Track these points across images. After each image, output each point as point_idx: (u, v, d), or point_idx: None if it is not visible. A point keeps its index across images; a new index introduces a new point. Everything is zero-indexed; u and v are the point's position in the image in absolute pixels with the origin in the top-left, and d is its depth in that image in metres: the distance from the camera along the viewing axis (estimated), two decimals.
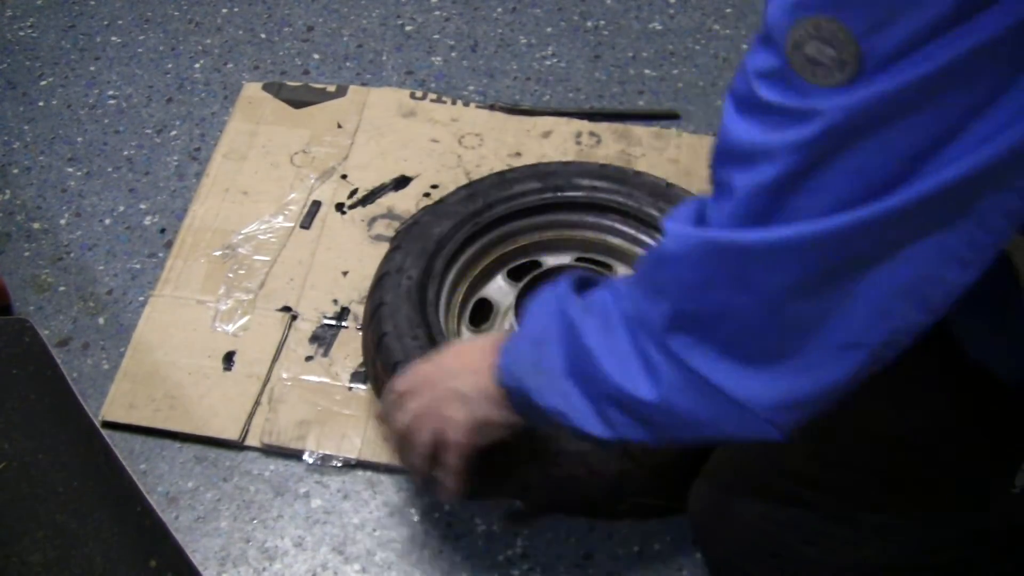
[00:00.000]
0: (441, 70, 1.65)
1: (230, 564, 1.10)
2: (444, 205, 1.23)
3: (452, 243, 1.19)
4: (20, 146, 1.55)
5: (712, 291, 0.61)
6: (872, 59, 0.50)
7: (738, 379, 0.61)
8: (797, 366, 0.60)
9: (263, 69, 1.65)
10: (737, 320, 0.61)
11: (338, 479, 1.16)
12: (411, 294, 1.12)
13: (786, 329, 0.59)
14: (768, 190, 0.55)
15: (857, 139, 0.52)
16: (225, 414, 1.20)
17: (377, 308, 1.11)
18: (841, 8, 0.50)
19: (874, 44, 0.50)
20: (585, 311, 0.71)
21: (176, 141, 1.55)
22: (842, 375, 0.59)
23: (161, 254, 1.39)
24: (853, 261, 0.56)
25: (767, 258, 0.57)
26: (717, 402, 0.63)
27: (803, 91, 0.53)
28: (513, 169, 1.27)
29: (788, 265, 0.57)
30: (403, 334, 1.07)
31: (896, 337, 0.58)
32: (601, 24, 1.72)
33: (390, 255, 1.17)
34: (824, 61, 0.51)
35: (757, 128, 0.56)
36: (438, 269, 1.16)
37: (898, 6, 0.48)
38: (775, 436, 0.62)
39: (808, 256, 0.56)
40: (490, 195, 1.23)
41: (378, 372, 1.08)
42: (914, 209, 0.52)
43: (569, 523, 1.12)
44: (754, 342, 0.61)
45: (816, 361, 0.59)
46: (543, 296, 0.78)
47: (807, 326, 0.58)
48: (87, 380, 1.26)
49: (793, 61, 0.52)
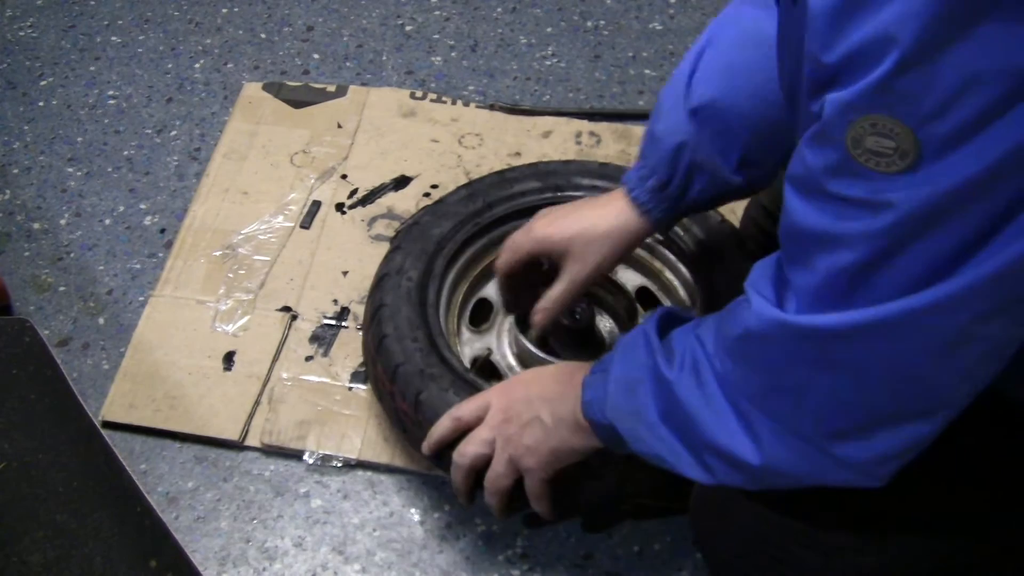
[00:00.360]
0: (441, 70, 1.65)
1: (230, 564, 1.10)
2: (444, 205, 1.23)
3: (452, 243, 1.19)
4: (20, 146, 1.55)
5: (798, 367, 0.64)
6: (930, 145, 0.52)
7: (847, 449, 0.65)
8: (889, 430, 0.63)
9: (263, 69, 1.65)
10: (821, 395, 0.64)
11: (338, 479, 1.16)
12: (411, 295, 1.12)
13: (876, 398, 0.63)
14: (848, 273, 0.59)
15: (929, 225, 0.55)
16: (225, 414, 1.20)
17: (377, 309, 1.11)
18: (892, 107, 0.52)
19: (930, 133, 0.52)
20: (679, 367, 0.74)
21: (176, 141, 1.55)
22: (930, 431, 0.63)
23: (161, 254, 1.39)
24: (934, 332, 0.58)
25: (852, 338, 0.61)
26: (818, 458, 0.66)
27: (871, 180, 0.55)
28: (513, 168, 1.27)
29: (873, 342, 0.60)
30: (403, 336, 1.07)
31: (977, 390, 0.61)
32: (601, 24, 1.72)
33: (390, 256, 1.17)
34: (886, 152, 0.54)
35: (829, 217, 0.58)
36: (438, 270, 1.16)
37: (947, 99, 0.50)
38: (874, 484, 0.66)
39: (895, 333, 0.59)
40: (490, 195, 1.23)
41: (378, 374, 1.08)
42: (982, 285, 0.55)
43: (569, 523, 1.12)
44: (844, 415, 0.64)
45: (907, 424, 0.63)
46: (632, 338, 0.81)
47: (896, 394, 0.62)
48: (87, 380, 1.26)
49: (855, 155, 0.55)
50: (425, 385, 1.03)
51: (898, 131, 0.53)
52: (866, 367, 0.61)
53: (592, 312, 1.15)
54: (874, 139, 0.54)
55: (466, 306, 1.22)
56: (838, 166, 0.57)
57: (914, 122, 0.52)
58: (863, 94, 0.53)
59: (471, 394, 1.02)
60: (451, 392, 1.02)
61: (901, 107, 0.52)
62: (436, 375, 1.04)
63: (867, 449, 0.64)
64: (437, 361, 1.05)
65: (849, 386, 0.63)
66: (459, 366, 1.06)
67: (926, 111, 0.52)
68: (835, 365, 0.62)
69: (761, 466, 0.68)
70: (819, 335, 0.62)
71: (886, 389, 0.62)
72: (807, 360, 0.63)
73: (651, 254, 1.21)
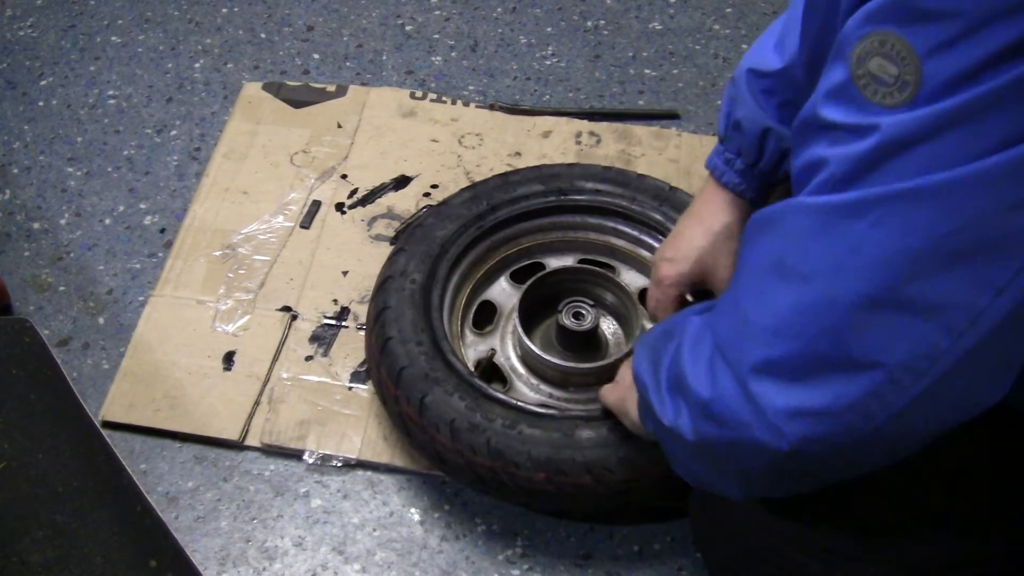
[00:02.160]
0: (441, 70, 1.65)
1: (230, 564, 1.10)
2: (447, 207, 1.23)
3: (456, 247, 1.19)
4: (20, 146, 1.55)
5: (760, 274, 0.64)
6: (931, 82, 0.51)
7: (766, 388, 0.62)
8: (815, 383, 0.60)
9: (263, 69, 1.65)
10: (764, 313, 0.63)
11: (338, 479, 1.16)
12: (415, 298, 1.12)
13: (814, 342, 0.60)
14: (829, 184, 0.58)
15: (906, 148, 0.54)
16: (225, 414, 1.20)
17: (381, 312, 1.11)
18: (911, 23, 0.51)
19: (936, 67, 0.51)
20: (697, 324, 0.74)
21: (176, 141, 1.55)
22: (854, 394, 0.59)
23: (161, 254, 1.39)
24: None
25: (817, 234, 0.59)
26: (737, 394, 0.64)
27: (864, 108, 0.55)
28: (516, 171, 1.27)
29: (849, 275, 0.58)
30: (408, 339, 1.08)
31: (916, 363, 0.57)
32: (601, 24, 1.72)
33: (393, 258, 1.17)
34: (885, 79, 0.53)
35: (823, 145, 0.58)
36: (442, 273, 1.16)
37: (967, 29, 0.49)
38: (781, 445, 0.62)
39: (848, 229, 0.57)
40: (493, 197, 1.23)
41: (382, 377, 1.08)
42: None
43: (569, 523, 1.12)
44: (784, 355, 0.62)
45: (834, 377, 0.59)
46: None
47: (835, 341, 0.59)
48: (87, 380, 1.26)
49: (856, 76, 0.54)
50: (429, 389, 1.03)
51: (905, 56, 0.52)
52: (815, 274, 0.59)
53: (597, 315, 1.15)
54: (879, 61, 0.53)
55: (469, 308, 1.22)
56: (838, 88, 0.56)
57: (924, 49, 0.51)
58: (885, 2, 0.53)
59: (475, 398, 1.03)
60: (456, 396, 1.02)
61: (917, 26, 0.51)
62: (440, 379, 1.04)
63: (783, 394, 0.61)
64: (441, 365, 1.05)
65: (789, 302, 0.60)
66: (463, 369, 1.06)
67: (941, 38, 0.50)
68: (786, 271, 0.60)
69: (710, 399, 0.67)
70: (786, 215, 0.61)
71: (818, 317, 0.59)
72: (769, 263, 0.62)
73: (653, 254, 1.21)
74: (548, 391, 1.14)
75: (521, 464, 0.99)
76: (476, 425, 1.01)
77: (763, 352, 0.62)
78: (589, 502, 1.03)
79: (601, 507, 1.09)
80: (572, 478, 0.99)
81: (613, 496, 1.01)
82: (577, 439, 0.99)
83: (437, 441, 1.02)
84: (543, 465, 0.99)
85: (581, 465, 0.99)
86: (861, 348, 0.57)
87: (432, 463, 1.07)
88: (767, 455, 0.64)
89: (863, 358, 0.58)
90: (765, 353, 0.62)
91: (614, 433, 1.00)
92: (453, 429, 1.01)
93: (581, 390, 1.13)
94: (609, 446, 0.99)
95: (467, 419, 1.01)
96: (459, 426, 1.01)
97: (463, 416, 1.01)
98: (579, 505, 1.07)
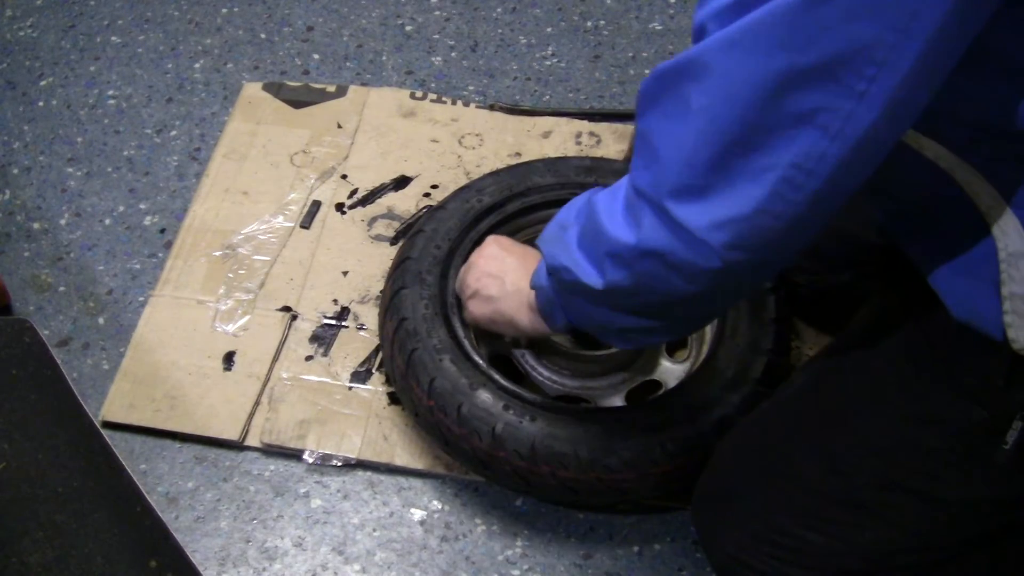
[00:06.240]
0: (441, 70, 1.65)
1: (230, 564, 1.10)
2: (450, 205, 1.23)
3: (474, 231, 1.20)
4: (20, 146, 1.55)
5: (654, 113, 0.70)
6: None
7: (688, 211, 0.68)
8: (727, 194, 0.66)
9: (263, 69, 1.65)
10: (669, 140, 0.68)
11: (338, 479, 1.16)
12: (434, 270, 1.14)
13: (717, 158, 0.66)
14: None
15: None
16: (225, 414, 1.20)
17: (396, 293, 1.12)
18: None
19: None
20: (607, 191, 0.80)
21: (176, 141, 1.55)
22: (761, 194, 0.65)
23: (161, 254, 1.39)
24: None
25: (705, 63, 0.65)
26: (660, 225, 0.70)
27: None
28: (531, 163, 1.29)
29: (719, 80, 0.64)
30: (432, 349, 1.09)
31: (806, 163, 0.62)
32: (601, 24, 1.72)
33: (403, 265, 1.17)
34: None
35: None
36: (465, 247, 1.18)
37: None
38: (714, 262, 0.68)
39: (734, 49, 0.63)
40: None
41: (412, 389, 1.08)
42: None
43: (569, 523, 1.12)
44: (696, 176, 0.67)
45: (740, 185, 0.65)
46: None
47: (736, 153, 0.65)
48: (87, 380, 1.26)
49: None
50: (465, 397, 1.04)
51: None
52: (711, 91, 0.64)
53: None
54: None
55: None
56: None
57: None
58: None
59: (511, 400, 1.04)
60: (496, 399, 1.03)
61: None
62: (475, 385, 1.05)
63: (703, 212, 0.67)
64: (445, 332, 1.08)
65: (692, 131, 0.65)
66: (494, 376, 1.06)
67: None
68: (686, 113, 0.65)
69: (636, 245, 0.72)
70: (672, 69, 0.66)
71: (720, 134, 0.64)
72: (665, 100, 0.67)
73: None
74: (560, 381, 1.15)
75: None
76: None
77: (677, 179, 0.67)
78: (589, 498, 1.03)
79: (601, 503, 1.10)
80: (573, 473, 1.00)
81: (613, 493, 1.01)
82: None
83: (443, 426, 1.04)
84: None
85: (586, 463, 0.99)
86: (758, 156, 0.64)
87: (440, 446, 1.09)
88: (700, 274, 0.70)
89: (760, 164, 0.64)
90: (680, 179, 0.67)
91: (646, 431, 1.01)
92: (460, 416, 1.03)
93: (591, 378, 1.15)
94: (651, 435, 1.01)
95: (471, 401, 1.03)
96: (465, 413, 1.03)
97: (468, 398, 1.04)
98: (579, 499, 1.07)
